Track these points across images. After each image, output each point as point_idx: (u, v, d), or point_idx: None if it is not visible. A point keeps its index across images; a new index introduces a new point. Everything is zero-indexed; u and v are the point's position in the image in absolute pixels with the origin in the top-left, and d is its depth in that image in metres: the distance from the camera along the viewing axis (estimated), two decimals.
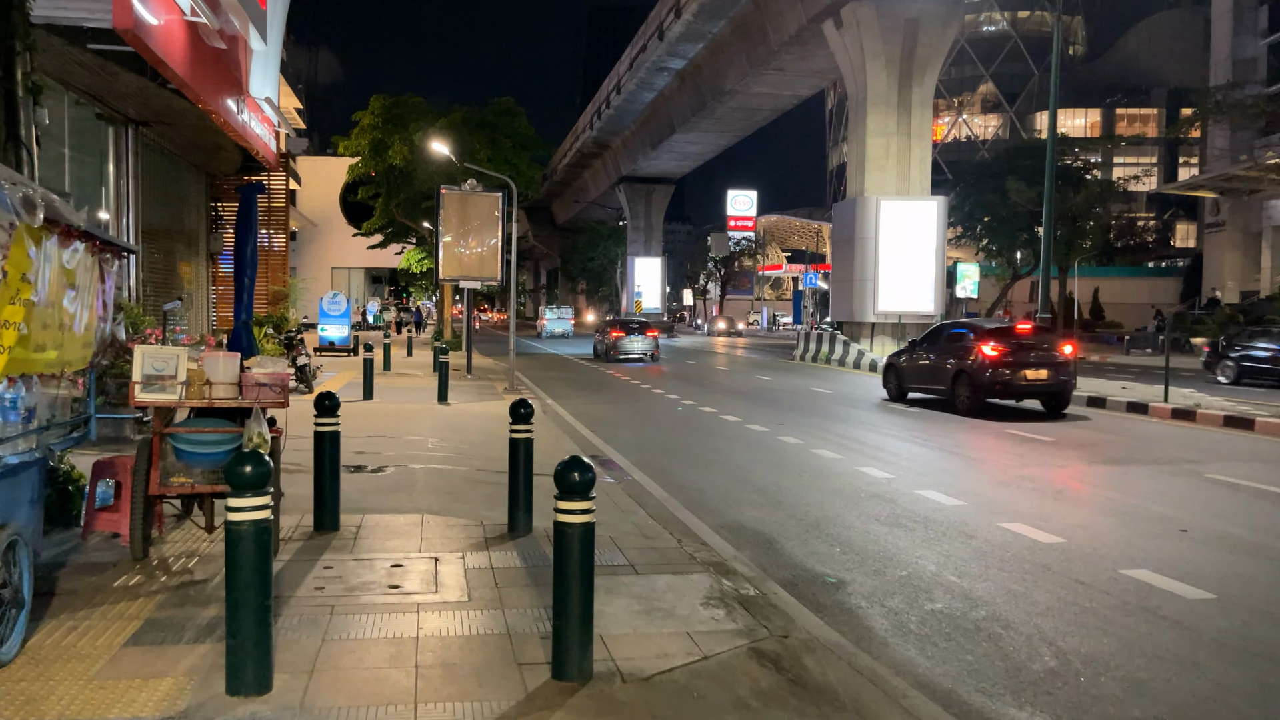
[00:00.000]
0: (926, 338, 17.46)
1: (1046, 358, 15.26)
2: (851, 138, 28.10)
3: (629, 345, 28.99)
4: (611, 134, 53.91)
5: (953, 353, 15.94)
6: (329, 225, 61.23)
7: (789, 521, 7.77)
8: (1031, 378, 14.95)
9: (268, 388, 5.15)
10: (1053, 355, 15.36)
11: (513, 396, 16.75)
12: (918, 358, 17.08)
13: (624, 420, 14.77)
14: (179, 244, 20.28)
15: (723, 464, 10.54)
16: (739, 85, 36.31)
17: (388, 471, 8.77)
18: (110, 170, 15.85)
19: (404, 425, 12.08)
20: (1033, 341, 15.40)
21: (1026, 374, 14.92)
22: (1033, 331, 15.83)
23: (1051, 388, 15.14)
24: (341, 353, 27.59)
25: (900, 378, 17.41)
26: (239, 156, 20.07)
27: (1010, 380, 14.91)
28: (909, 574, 6.26)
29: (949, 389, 15.76)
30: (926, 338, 17.46)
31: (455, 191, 20.71)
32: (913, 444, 12.05)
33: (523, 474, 6.29)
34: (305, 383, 15.87)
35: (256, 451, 3.55)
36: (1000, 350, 14.97)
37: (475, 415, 13.84)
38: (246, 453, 3.53)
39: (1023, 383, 15.01)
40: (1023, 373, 14.90)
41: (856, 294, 26.81)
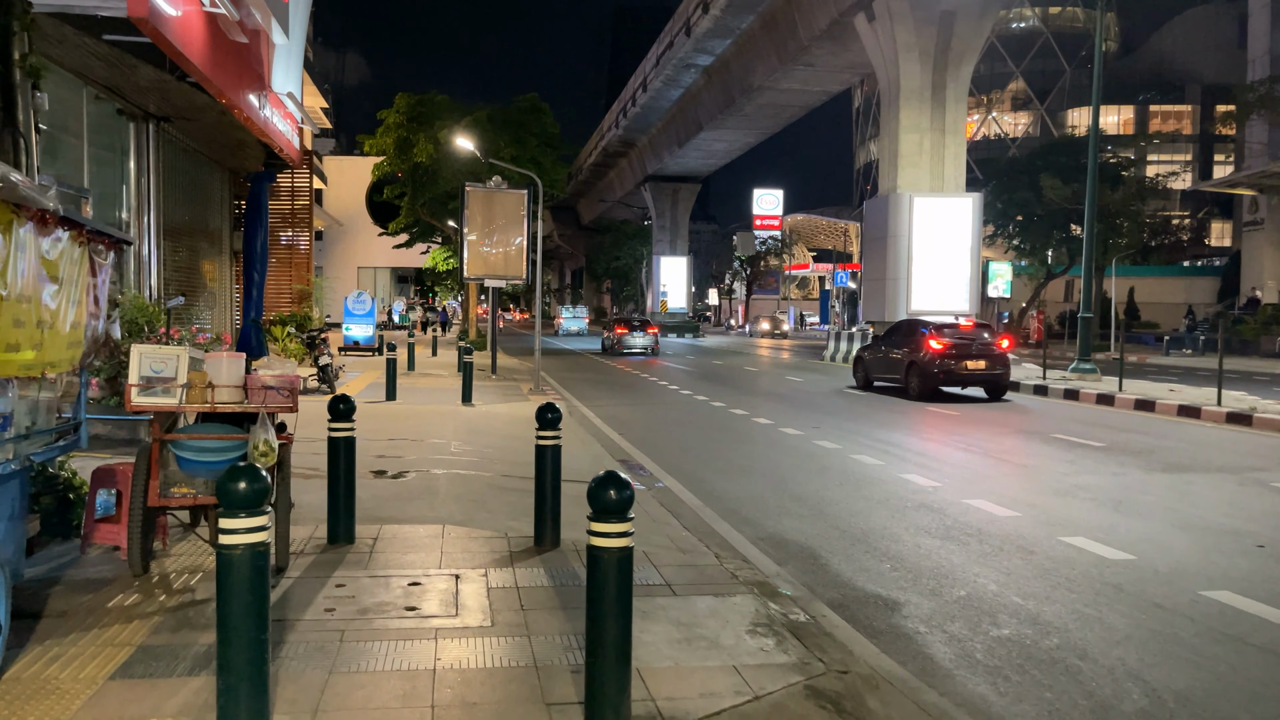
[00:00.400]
0: (887, 334, 19.73)
1: (985, 351, 17.41)
2: (883, 133, 27.49)
3: (631, 341, 32.76)
4: (637, 132, 53.45)
5: (906, 346, 18.05)
6: (355, 225, 61.31)
7: (833, 534, 7.29)
8: (971, 367, 17.14)
9: (275, 391, 4.74)
10: (990, 349, 17.52)
11: (538, 398, 16.35)
12: (879, 352, 19.27)
13: (654, 423, 14.32)
14: (202, 242, 20.05)
15: (759, 470, 10.06)
16: (767, 81, 35.74)
17: (409, 477, 8.37)
18: (131, 167, 15.60)
19: (427, 427, 11.70)
20: (973, 337, 17.68)
21: (967, 364, 17.11)
22: (974, 328, 18.28)
23: (989, 376, 17.30)
24: (366, 352, 27.32)
25: (866, 369, 19.58)
26: (262, 153, 19.81)
27: (953, 370, 17.06)
28: (968, 594, 5.77)
29: (903, 378, 17.92)
30: (887, 334, 19.73)
31: (480, 189, 20.35)
32: (956, 449, 11.51)
33: (550, 483, 5.85)
34: (328, 383, 15.55)
35: (252, 466, 3.12)
36: (944, 344, 17.18)
37: (500, 417, 13.45)
38: (240, 467, 3.11)
39: (964, 372, 17.15)
40: (964, 363, 17.09)
41: (889, 293, 26.20)
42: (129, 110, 15.19)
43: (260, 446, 4.66)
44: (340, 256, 63.89)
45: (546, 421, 5.89)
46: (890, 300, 26.15)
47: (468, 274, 20.51)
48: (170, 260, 17.78)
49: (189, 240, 18.90)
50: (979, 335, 17.79)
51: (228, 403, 4.72)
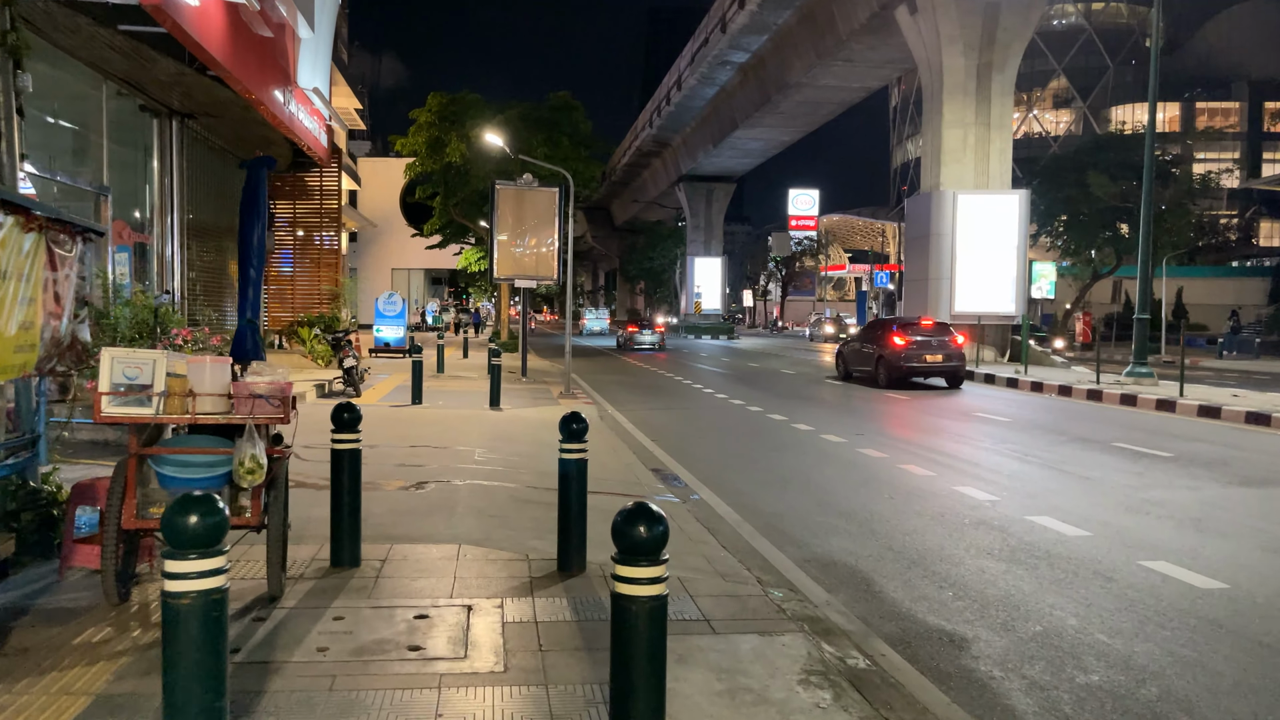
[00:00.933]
0: (862, 332, 22.72)
1: (942, 346, 19.66)
2: (926, 129, 26.65)
3: (640, 338, 37.13)
4: (671, 131, 52.83)
5: (876, 341, 20.40)
6: (389, 226, 61.20)
7: (885, 555, 6.65)
8: (930, 360, 19.44)
9: (265, 400, 4.21)
10: (947, 344, 19.78)
11: (569, 401, 15.81)
12: (855, 346, 21.75)
13: (688, 429, 13.72)
14: (229, 243, 19.74)
15: (800, 481, 9.42)
16: (805, 78, 34.97)
17: (428, 489, 7.84)
18: (154, 166, 15.25)
19: (451, 433, 11.19)
20: (932, 333, 20.01)
21: (926, 357, 19.43)
22: (934, 326, 20.47)
23: (947, 368, 19.59)
24: (397, 354, 26.94)
25: (845, 362, 21.93)
26: (289, 151, 19.48)
27: (915, 363, 19.40)
28: (1045, 630, 5.11)
29: (873, 369, 20.12)
30: (862, 332, 22.72)
31: (511, 187, 19.86)
32: (1011, 458, 10.78)
33: (575, 501, 5.28)
34: (353, 385, 15.12)
35: (207, 496, 2.58)
36: (907, 340, 19.56)
37: (528, 422, 12.91)
38: (192, 497, 2.57)
39: (924, 364, 19.43)
40: (924, 357, 19.41)
41: (931, 294, 25.35)
42: (152, 107, 14.86)
43: (246, 463, 4.13)
44: (374, 258, 63.86)
45: (571, 433, 5.31)
46: (933, 301, 25.30)
47: (498, 274, 20.03)
48: (197, 260, 17.48)
49: (215, 240, 18.59)
50: (938, 333, 20.17)
51: (210, 413, 4.20)
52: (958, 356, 19.68)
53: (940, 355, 19.41)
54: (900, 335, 19.60)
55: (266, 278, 21.50)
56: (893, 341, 19.61)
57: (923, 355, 19.37)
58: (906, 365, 19.31)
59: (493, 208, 19.82)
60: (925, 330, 19.99)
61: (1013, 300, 25.01)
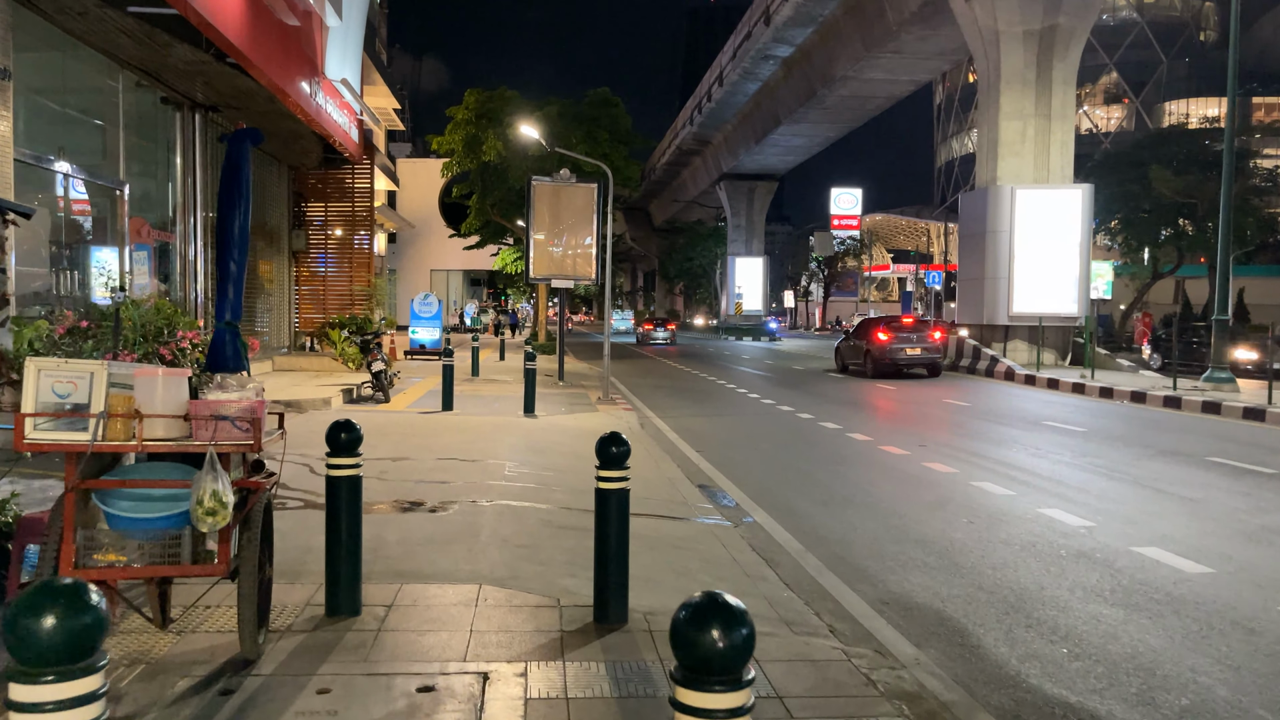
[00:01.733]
0: (856, 329, 25.07)
1: (920, 340, 22.02)
2: (981, 121, 25.41)
3: (654, 335, 43.57)
4: (712, 129, 51.83)
5: (864, 337, 23.01)
6: (428, 227, 60.96)
7: (977, 596, 5.71)
8: (910, 353, 21.81)
9: (230, 423, 3.38)
10: (925, 339, 22.17)
11: (607, 408, 14.95)
12: (849, 342, 24.33)
13: (736, 438, 12.79)
14: (259, 241, 19.14)
15: (864, 501, 8.47)
16: (851, 71, 33.83)
17: (450, 511, 7.01)
18: (177, 162, 14.65)
19: (481, 444, 10.38)
20: (912, 329, 22.54)
21: (906, 350, 21.80)
22: (914, 323, 23.63)
23: (926, 360, 21.99)
24: (433, 356, 26.29)
25: (843, 357, 24.40)
26: (319, 147, 18.84)
27: (896, 356, 21.77)
28: (1194, 705, 4.15)
29: (862, 362, 22.71)
30: (856, 329, 25.07)
31: (548, 183, 19.06)
32: (1097, 474, 9.73)
33: (614, 539, 4.41)
34: (382, 390, 14.39)
35: (75, 585, 1.74)
36: (889, 336, 21.99)
37: (565, 431, 12.07)
38: (50, 587, 1.74)
39: (904, 357, 21.81)
40: (904, 350, 21.78)
41: (987, 294, 24.14)
42: (174, 99, 14.24)
43: (205, 501, 3.31)
44: (413, 259, 63.63)
45: (610, 458, 4.44)
46: (989, 302, 24.09)
47: (534, 274, 19.25)
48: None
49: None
50: (918, 329, 22.70)
51: (161, 439, 3.38)
52: (935, 350, 22.23)
53: (919, 349, 21.91)
54: (884, 331, 22.33)
55: (298, 278, 20.94)
56: (877, 337, 22.30)
57: (903, 349, 21.82)
58: (889, 358, 21.83)
59: (529, 205, 19.04)
60: (906, 327, 22.73)
61: (1075, 300, 23.73)
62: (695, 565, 6.09)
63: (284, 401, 12.73)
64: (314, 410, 12.82)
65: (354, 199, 20.79)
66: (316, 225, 20.86)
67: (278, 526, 5.71)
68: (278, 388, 14.60)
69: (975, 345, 24.00)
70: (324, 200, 20.79)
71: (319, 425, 11.35)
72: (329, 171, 20.54)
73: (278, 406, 11.31)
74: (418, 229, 59.49)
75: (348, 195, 20.75)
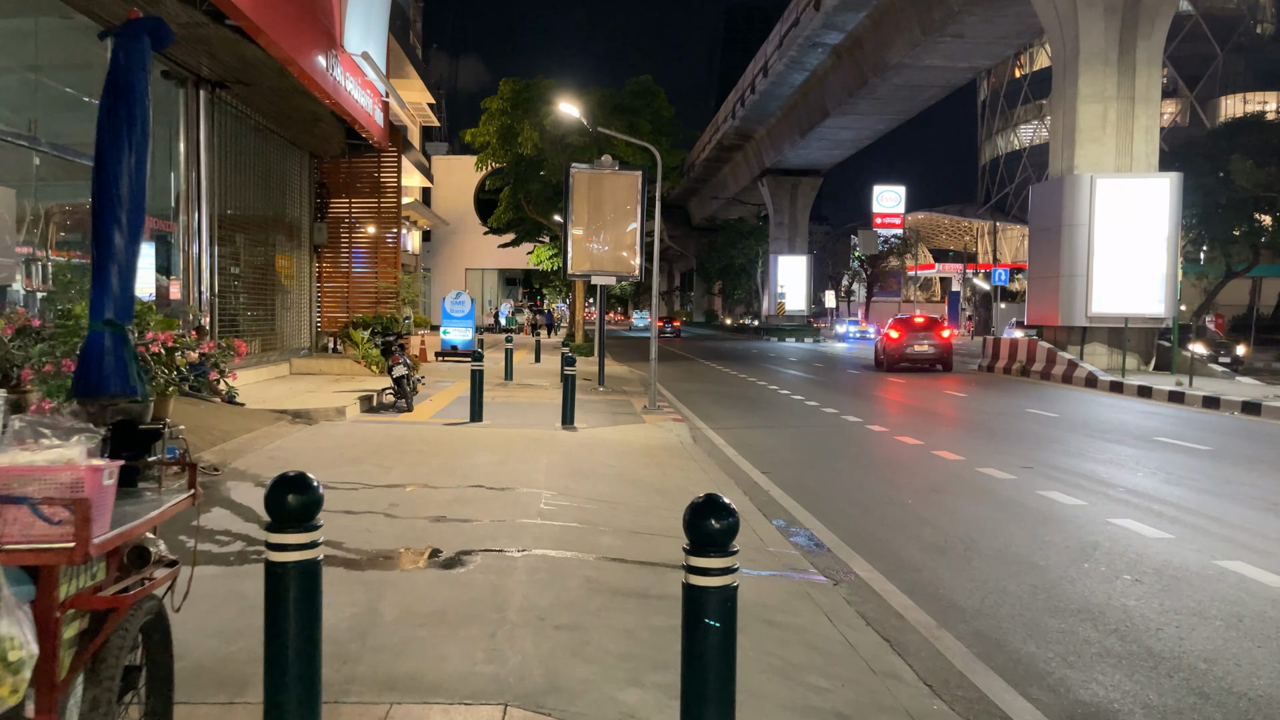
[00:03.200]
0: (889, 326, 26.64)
1: (928, 338, 24.10)
2: (1055, 106, 23.44)
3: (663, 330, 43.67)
4: (755, 123, 49.99)
5: (882, 336, 26.01)
6: (463, 225, 59.82)
7: (1205, 710, 4.02)
8: (917, 349, 24.04)
9: (29, 510, 1.80)
10: (933, 337, 24.13)
11: (655, 418, 13.32)
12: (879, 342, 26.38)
13: (803, 455, 11.12)
14: (278, 234, 17.74)
15: (988, 546, 6.78)
16: (907, 58, 31.90)
17: (470, 566, 5.43)
18: (180, 144, 13.26)
19: (513, 465, 8.81)
20: (921, 328, 24.60)
21: (914, 347, 24.02)
22: (925, 322, 25.35)
23: (934, 355, 24.08)
24: (465, 358, 24.85)
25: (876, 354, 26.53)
26: (340, 132, 17.38)
27: (905, 351, 24.01)
28: None
29: (878, 359, 25.73)
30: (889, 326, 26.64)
31: (587, 171, 17.48)
32: (1258, 509, 7.95)
33: (715, 676, 2.78)
34: (404, 398, 12.89)
35: None
36: (900, 334, 24.35)
37: (609, 448, 10.47)
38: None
39: (911, 353, 23.99)
40: (912, 347, 24.02)
41: (1063, 292, 22.19)
42: (175, 73, 12.83)
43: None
44: (448, 257, 62.50)
45: (708, 536, 2.81)
46: (1065, 301, 22.15)
47: (572, 270, 17.66)
48: (235, 253, 15.50)
49: (258, 232, 16.62)
50: (926, 327, 24.66)
51: None
52: (942, 347, 24.10)
53: (926, 345, 24.08)
54: (895, 329, 24.86)
55: (320, 275, 19.54)
56: (888, 335, 25.04)
57: (912, 346, 24.05)
58: (898, 353, 24.07)
59: (567, 195, 17.47)
60: (917, 325, 24.88)
61: (1161, 300, 21.74)
62: (801, 657, 4.45)
63: (291, 411, 11.26)
64: (326, 421, 11.34)
65: (380, 189, 19.36)
66: (340, 218, 19.46)
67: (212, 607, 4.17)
68: (289, 394, 13.15)
69: (1049, 348, 22.08)
70: (348, 191, 19.38)
71: (328, 442, 9.85)
72: (354, 160, 19.13)
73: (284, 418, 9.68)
74: (452, 226, 58.31)
75: (374, 185, 19.33)
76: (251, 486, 7.34)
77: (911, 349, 24.05)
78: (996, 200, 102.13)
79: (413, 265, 47.33)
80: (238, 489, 7.24)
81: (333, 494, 7.18)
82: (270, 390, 13.55)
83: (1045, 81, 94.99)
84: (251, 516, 6.36)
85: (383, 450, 9.34)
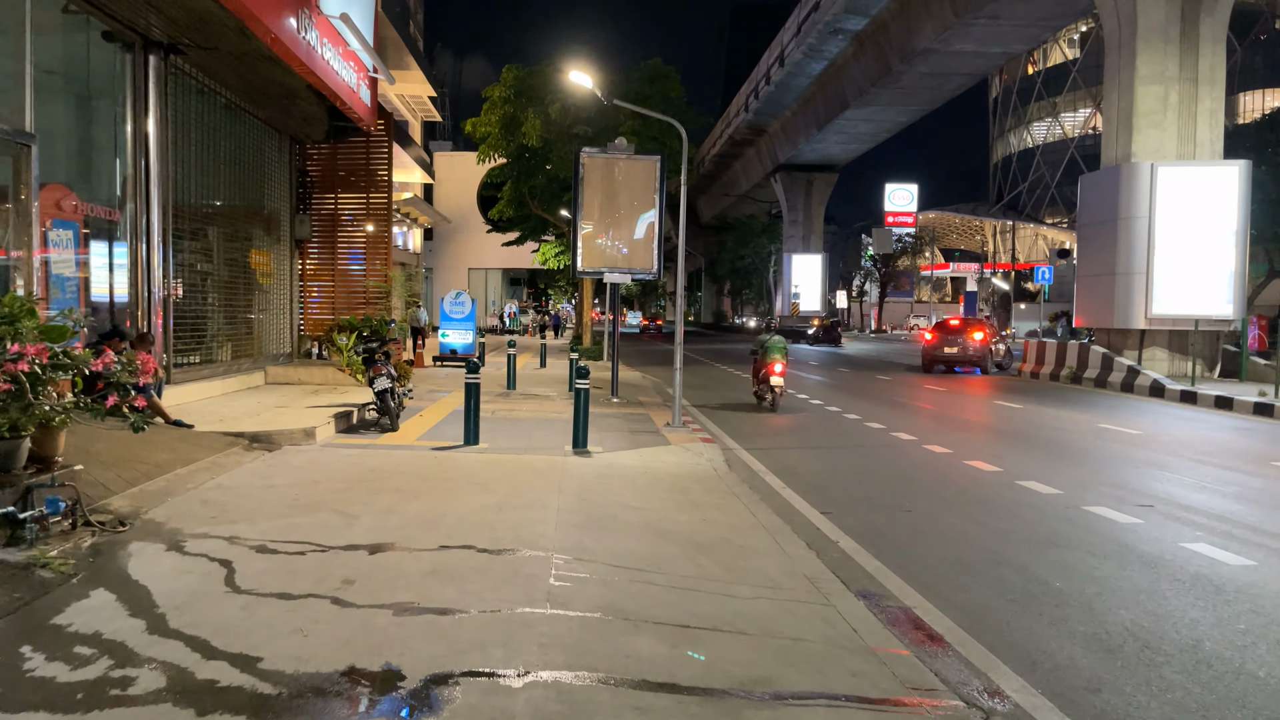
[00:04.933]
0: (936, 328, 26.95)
1: (961, 340, 24.39)
2: (1109, 88, 21.50)
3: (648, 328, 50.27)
4: (769, 116, 48.05)
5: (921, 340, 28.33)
6: (466, 224, 58.03)
7: None
8: (949, 352, 24.41)
9: None
10: (966, 339, 24.35)
11: (680, 437, 11.39)
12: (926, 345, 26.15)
13: (863, 486, 9.20)
14: (255, 227, 15.85)
15: (1174, 642, 4.88)
16: (936, 43, 29.96)
17: (442, 715, 3.54)
18: (128, 120, 11.40)
19: (513, 512, 6.94)
20: (956, 329, 25.01)
21: (945, 349, 24.44)
22: (960, 324, 25.69)
23: (968, 357, 24.27)
24: (464, 363, 22.98)
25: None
26: (323, 112, 15.50)
27: (936, 354, 24.57)
28: None
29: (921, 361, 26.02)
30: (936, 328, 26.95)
31: (600, 156, 15.60)
32: None
33: None
34: (388, 415, 11.02)
35: None
36: (935, 336, 25.03)
37: (631, 479, 8.59)
38: None
39: (943, 355, 24.46)
40: (943, 349, 24.46)
41: (1119, 292, 20.25)
42: (120, 35, 10.94)
43: None
44: (450, 256, 60.70)
45: None
46: (1121, 302, 20.20)
47: (582, 265, 15.78)
48: (199, 250, 13.65)
49: (230, 224, 14.76)
50: (962, 329, 25.05)
51: None
52: (976, 349, 24.28)
53: (957, 349, 24.40)
54: (930, 332, 25.78)
55: (303, 272, 17.67)
56: (923, 337, 26.54)
57: (943, 349, 24.51)
58: (933, 356, 24.61)
59: (577, 184, 15.61)
60: (951, 327, 25.35)
61: (1229, 300, 19.81)
62: None
63: (249, 434, 9.39)
64: (291, 445, 9.46)
65: (371, 177, 17.50)
66: (326, 209, 17.60)
67: None
68: (254, 410, 11.29)
69: (1104, 353, 20.14)
70: (335, 180, 17.53)
71: (285, 476, 7.86)
72: (339, 145, 17.28)
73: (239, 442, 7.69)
74: (455, 225, 56.48)
75: (363, 173, 17.47)
76: (162, 551, 5.48)
77: (944, 351, 24.52)
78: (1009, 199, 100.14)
79: (414, 264, 45.52)
80: (141, 555, 5.37)
81: (269, 562, 5.32)
82: (233, 405, 11.68)
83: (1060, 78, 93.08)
84: (141, 609, 4.49)
85: (351, 488, 7.47)
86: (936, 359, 24.69)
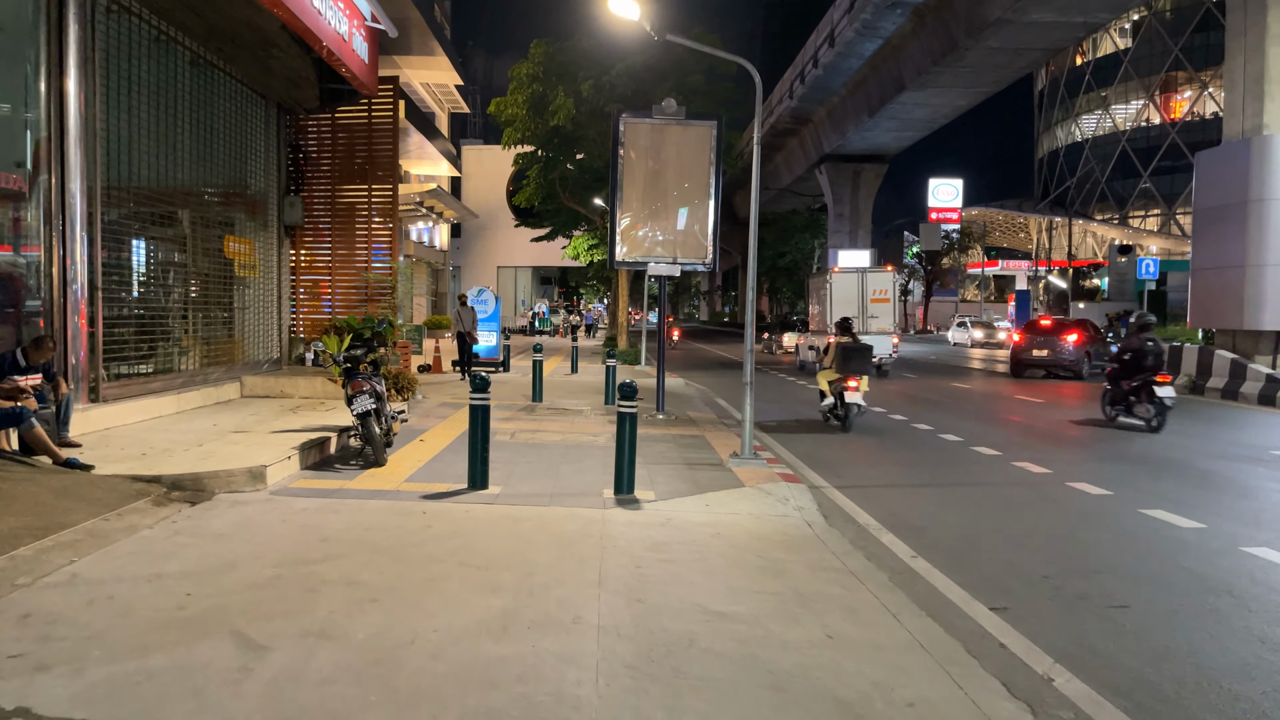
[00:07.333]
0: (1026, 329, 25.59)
1: (1050, 342, 23.15)
2: (1231, 53, 18.54)
3: None
4: (815, 103, 45.13)
5: None
6: (494, 221, 55.76)
7: None
8: (1036, 354, 23.27)
9: None
10: (1056, 341, 23.06)
11: (752, 472, 8.50)
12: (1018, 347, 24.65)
13: (1021, 549, 6.41)
14: (234, 210, 13.37)
15: None
16: (1011, 13, 26.96)
17: None
18: (40, 82, 8.94)
19: (525, 633, 4.33)
20: (1046, 331, 23.72)
21: (1034, 352, 23.30)
22: (1052, 325, 24.34)
23: (1053, 360, 22.99)
24: (487, 367, 20.46)
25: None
26: (311, 69, 13.00)
27: (1025, 357, 23.48)
28: None
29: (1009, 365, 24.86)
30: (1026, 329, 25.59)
31: (645, 121, 12.91)
32: None
33: None
34: (371, 444, 8.44)
35: None
36: (1023, 337, 24.06)
37: (701, 553, 5.91)
38: None
39: (1031, 358, 23.35)
40: (1031, 352, 23.34)
41: (1249, 287, 17.28)
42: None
43: None
44: (479, 254, 58.46)
45: None
46: (1251, 299, 17.22)
47: (621, 255, 13.11)
48: (160, 236, 11.19)
49: (200, 206, 12.27)
50: (1053, 330, 23.50)
51: None
52: (1069, 352, 22.58)
53: (1047, 351, 22.91)
54: (1019, 333, 24.60)
55: (295, 265, 15.18)
56: (1011, 338, 26.00)
57: (1031, 351, 23.12)
58: (1023, 359, 23.29)
59: (614, 160, 12.91)
60: (1041, 330, 23.83)
61: None
62: None
63: (170, 478, 6.82)
64: (227, 493, 6.89)
65: (372, 151, 14.96)
66: (322, 189, 15.10)
67: None
68: (200, 437, 8.74)
69: (1234, 359, 17.13)
70: (332, 155, 15.02)
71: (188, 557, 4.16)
72: (336, 115, 14.77)
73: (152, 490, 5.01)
74: (483, 221, 54.16)
75: (363, 145, 14.94)
76: None
77: (1032, 354, 23.16)
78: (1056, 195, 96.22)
79: (440, 262, 43.21)
80: None
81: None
82: (177, 430, 9.15)
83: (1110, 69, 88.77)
84: None
85: (280, 580, 4.88)
86: (1026, 362, 23.22)
